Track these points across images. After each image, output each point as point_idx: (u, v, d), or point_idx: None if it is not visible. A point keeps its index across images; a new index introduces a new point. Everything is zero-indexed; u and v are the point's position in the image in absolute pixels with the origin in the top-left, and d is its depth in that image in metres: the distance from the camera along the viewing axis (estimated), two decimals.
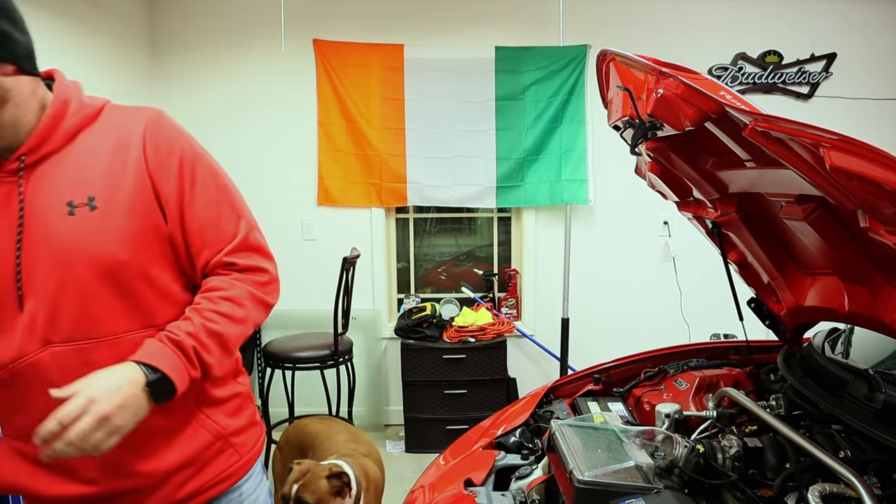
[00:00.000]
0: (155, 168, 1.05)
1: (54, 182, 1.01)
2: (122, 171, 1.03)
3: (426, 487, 1.55)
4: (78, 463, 1.04)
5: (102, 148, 1.04)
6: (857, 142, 0.85)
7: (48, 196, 1.00)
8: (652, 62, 1.25)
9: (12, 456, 1.07)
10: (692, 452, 1.20)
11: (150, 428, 1.05)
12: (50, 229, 0.99)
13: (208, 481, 1.15)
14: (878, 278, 1.23)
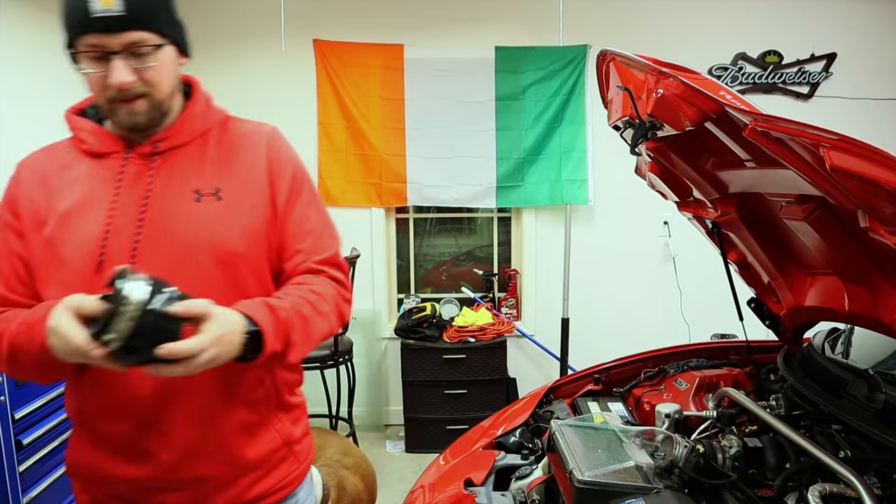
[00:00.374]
0: (275, 175, 1.14)
1: (183, 170, 1.09)
2: (247, 174, 1.12)
3: (426, 487, 1.55)
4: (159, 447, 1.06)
5: (229, 150, 1.14)
6: (857, 142, 0.85)
7: (176, 182, 1.07)
8: (652, 62, 1.25)
9: (87, 436, 1.09)
10: (692, 452, 1.20)
11: (236, 420, 1.09)
12: (176, 212, 1.06)
13: (273, 486, 1.17)
14: (878, 278, 1.23)
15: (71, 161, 1.11)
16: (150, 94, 1.04)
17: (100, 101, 1.06)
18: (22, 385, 1.71)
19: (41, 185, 1.09)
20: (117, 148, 1.09)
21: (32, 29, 2.75)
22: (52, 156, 1.14)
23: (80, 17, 0.99)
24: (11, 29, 2.63)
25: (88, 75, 1.03)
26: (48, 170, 1.11)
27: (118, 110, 1.05)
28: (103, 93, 1.03)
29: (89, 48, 1.01)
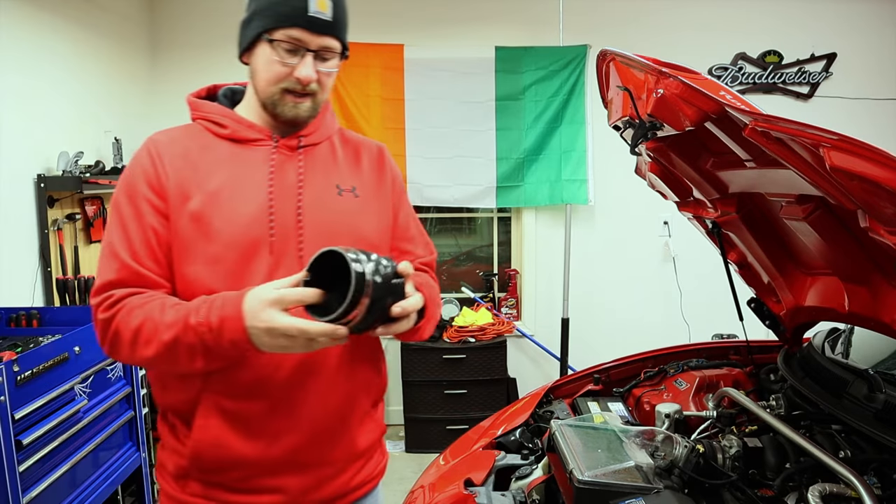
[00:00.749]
0: (395, 186, 1.29)
1: (324, 166, 1.19)
2: (374, 178, 1.25)
3: (426, 487, 1.55)
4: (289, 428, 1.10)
5: (353, 154, 1.25)
6: (857, 142, 0.85)
7: (320, 175, 1.17)
8: (652, 62, 1.25)
9: (216, 413, 1.08)
10: (692, 452, 1.20)
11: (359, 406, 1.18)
12: (324, 201, 1.15)
13: (367, 476, 1.23)
14: (878, 278, 1.23)
15: (208, 142, 1.14)
16: (316, 95, 1.12)
17: (269, 88, 1.10)
18: (22, 385, 1.71)
19: (185, 160, 1.11)
20: (262, 137, 1.15)
21: (32, 29, 2.75)
22: (188, 135, 1.15)
23: (295, 11, 1.06)
24: (11, 29, 2.63)
25: (275, 63, 1.09)
26: (190, 147, 1.12)
27: (285, 101, 1.11)
28: (280, 82, 1.09)
29: (290, 40, 1.07)
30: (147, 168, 1.09)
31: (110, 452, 2.21)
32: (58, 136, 2.89)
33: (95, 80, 3.24)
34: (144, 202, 1.08)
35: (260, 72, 1.12)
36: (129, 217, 1.07)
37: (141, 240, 1.06)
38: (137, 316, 1.00)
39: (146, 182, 1.09)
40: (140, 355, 1.01)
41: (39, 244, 2.71)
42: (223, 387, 1.08)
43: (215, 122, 1.16)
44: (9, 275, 2.56)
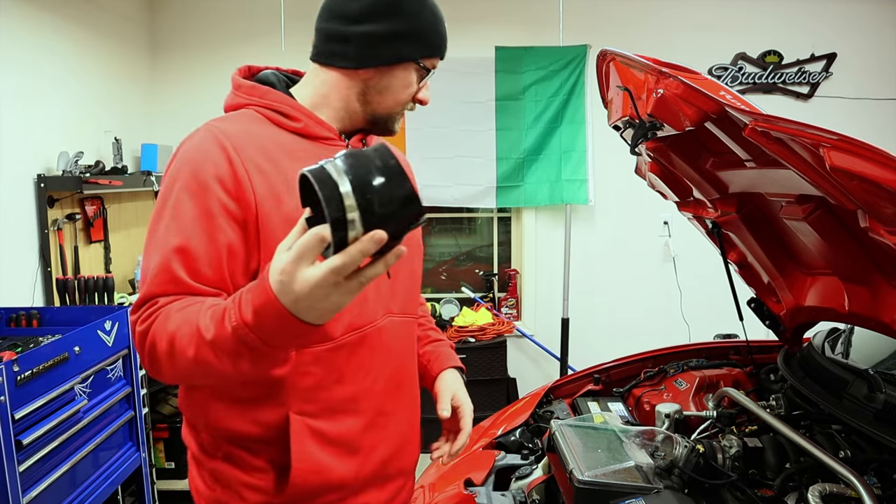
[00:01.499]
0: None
1: None
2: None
3: (426, 487, 1.55)
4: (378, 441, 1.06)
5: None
6: (857, 142, 0.85)
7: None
8: (652, 62, 1.25)
9: (311, 440, 0.98)
10: (692, 452, 1.20)
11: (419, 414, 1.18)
12: None
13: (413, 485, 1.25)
14: (878, 278, 1.23)
15: (277, 135, 1.01)
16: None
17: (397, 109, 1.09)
18: (22, 385, 1.71)
19: (266, 157, 0.97)
20: (333, 136, 1.07)
21: (32, 29, 2.75)
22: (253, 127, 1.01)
23: (442, 43, 1.15)
24: (12, 29, 2.63)
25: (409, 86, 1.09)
26: (264, 142, 0.98)
27: (398, 118, 1.11)
28: (405, 103, 1.09)
29: (432, 68, 1.12)
30: (221, 165, 0.93)
31: (110, 452, 2.21)
32: (58, 136, 2.89)
33: (95, 80, 3.24)
34: (218, 207, 0.91)
35: (394, 91, 1.07)
36: (191, 221, 0.90)
37: (207, 254, 0.90)
38: (173, 322, 0.85)
39: (219, 182, 0.92)
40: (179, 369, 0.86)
41: (39, 244, 2.71)
42: (317, 407, 0.98)
43: (285, 113, 1.03)
44: (9, 275, 2.57)
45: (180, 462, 2.93)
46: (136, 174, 3.22)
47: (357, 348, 1.00)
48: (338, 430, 1.00)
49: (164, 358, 0.86)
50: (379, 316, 1.04)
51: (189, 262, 0.89)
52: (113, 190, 3.09)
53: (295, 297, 0.72)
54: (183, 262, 0.89)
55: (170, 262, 0.89)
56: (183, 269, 0.89)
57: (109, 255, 3.23)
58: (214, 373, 0.84)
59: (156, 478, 2.60)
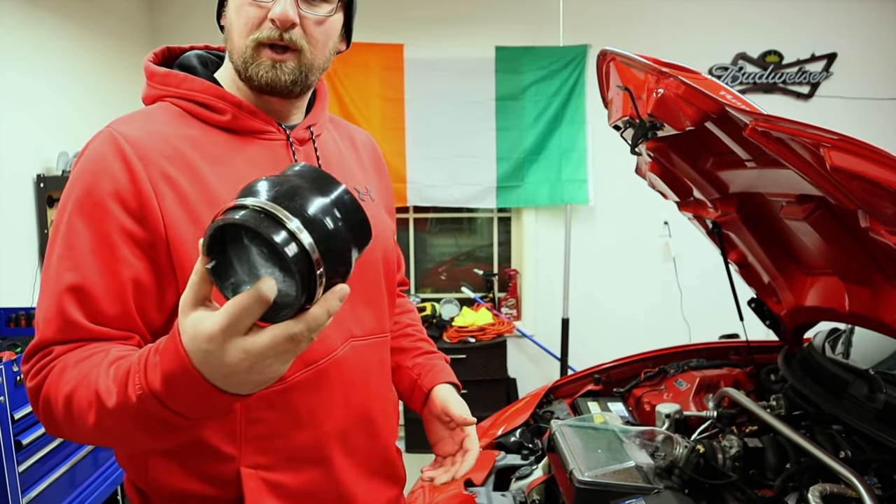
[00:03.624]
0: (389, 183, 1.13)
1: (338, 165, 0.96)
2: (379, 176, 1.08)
3: (426, 487, 1.55)
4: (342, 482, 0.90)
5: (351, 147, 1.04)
6: (857, 142, 0.85)
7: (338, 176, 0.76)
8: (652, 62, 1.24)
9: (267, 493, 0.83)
10: (692, 453, 1.20)
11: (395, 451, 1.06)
12: None
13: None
14: (878, 278, 1.23)
15: (195, 133, 0.84)
16: (303, 52, 0.84)
17: (240, 43, 0.84)
18: (21, 385, 1.71)
19: (178, 162, 0.80)
20: (269, 127, 0.88)
21: (32, 29, 2.75)
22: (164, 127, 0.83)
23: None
24: (12, 29, 2.63)
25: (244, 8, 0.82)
26: (176, 145, 0.81)
27: (262, 60, 0.83)
28: (253, 31, 0.82)
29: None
30: (120, 179, 0.77)
31: (110, 452, 2.21)
32: (58, 136, 2.89)
33: (95, 80, 3.24)
34: (118, 233, 0.76)
35: (231, 25, 0.85)
36: (87, 252, 0.75)
37: (107, 291, 0.75)
38: (68, 381, 0.71)
39: (119, 202, 0.76)
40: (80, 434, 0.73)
41: (39, 244, 2.71)
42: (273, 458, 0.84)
43: (208, 104, 0.85)
44: (9, 275, 2.56)
45: None
46: None
47: (314, 386, 0.85)
48: (301, 481, 0.86)
49: (63, 422, 0.73)
50: (338, 344, 0.88)
51: (86, 303, 0.74)
52: None
53: (226, 372, 0.57)
54: (78, 304, 0.74)
55: (63, 303, 0.74)
56: (79, 311, 0.74)
57: None
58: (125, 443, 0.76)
59: None
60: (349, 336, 0.90)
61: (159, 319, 0.80)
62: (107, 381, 0.67)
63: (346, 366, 0.89)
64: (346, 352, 0.89)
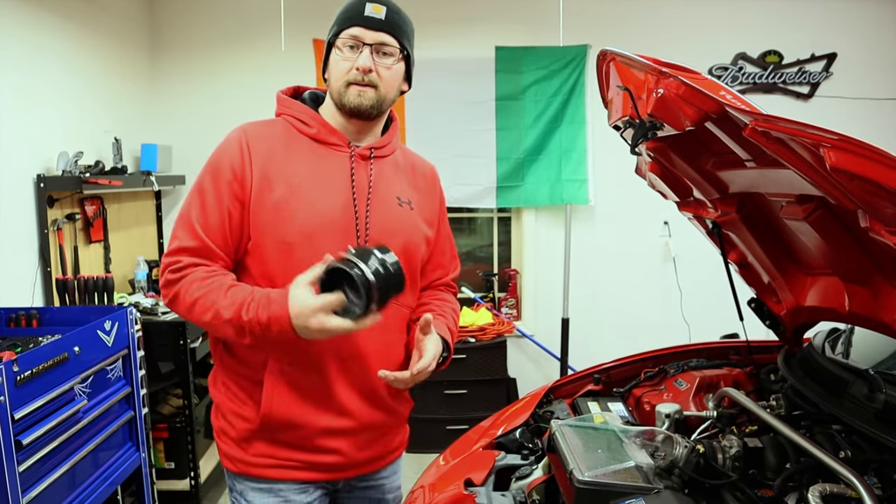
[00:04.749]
0: (442, 205, 1.51)
1: (389, 178, 1.36)
2: (427, 196, 1.44)
3: (426, 487, 1.55)
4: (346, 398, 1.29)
5: (411, 172, 1.43)
6: (857, 142, 0.85)
7: (384, 185, 1.34)
8: (652, 62, 1.24)
9: (283, 383, 1.26)
10: (692, 452, 1.20)
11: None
12: (388, 207, 1.33)
13: (399, 442, 1.45)
14: (878, 278, 1.23)
15: (293, 139, 1.30)
16: (378, 87, 1.26)
17: (337, 84, 1.27)
18: (22, 385, 1.71)
19: (271, 155, 1.26)
20: (341, 143, 1.31)
21: (32, 28, 2.75)
22: (275, 130, 1.31)
23: (354, 13, 1.25)
24: (11, 29, 2.63)
25: (340, 61, 1.26)
26: (275, 143, 1.28)
27: (350, 91, 1.26)
28: (346, 75, 1.25)
29: (350, 38, 1.25)
30: (234, 157, 1.25)
31: (110, 452, 2.21)
32: (58, 136, 2.89)
33: (95, 79, 3.24)
34: (227, 186, 1.23)
35: (332, 73, 1.28)
36: (210, 195, 1.24)
37: (217, 218, 1.23)
38: (197, 289, 1.18)
39: (231, 169, 1.24)
40: (197, 320, 1.20)
41: (39, 244, 2.71)
42: (287, 358, 1.25)
43: (302, 120, 1.31)
44: (9, 275, 2.57)
45: (180, 462, 2.93)
46: (135, 174, 3.23)
47: None
48: (304, 377, 1.26)
49: (183, 309, 1.21)
50: None
51: (207, 226, 1.23)
52: (113, 190, 3.10)
53: (304, 326, 1.10)
54: (203, 225, 1.23)
55: (193, 224, 1.23)
56: (203, 230, 1.22)
57: (109, 255, 3.23)
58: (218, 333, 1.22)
59: (156, 478, 2.60)
60: None
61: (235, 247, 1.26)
62: (225, 301, 1.16)
63: None
64: None
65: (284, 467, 1.29)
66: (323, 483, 1.34)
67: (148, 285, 3.24)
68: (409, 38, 1.32)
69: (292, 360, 1.25)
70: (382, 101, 1.28)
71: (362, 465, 1.36)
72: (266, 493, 1.30)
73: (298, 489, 1.30)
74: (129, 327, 2.32)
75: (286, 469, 1.29)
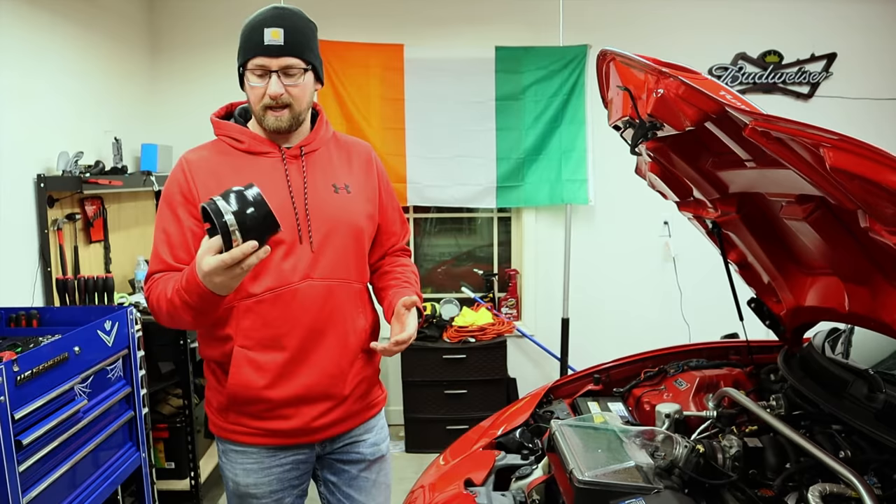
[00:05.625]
0: (379, 179, 1.60)
1: (322, 169, 1.49)
2: (363, 175, 1.56)
3: (426, 487, 1.55)
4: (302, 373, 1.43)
5: (346, 156, 1.56)
6: (857, 142, 0.85)
7: (320, 177, 1.47)
8: (652, 62, 1.25)
9: (246, 365, 1.41)
10: (692, 452, 1.20)
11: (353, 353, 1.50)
12: (324, 199, 1.46)
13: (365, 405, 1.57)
14: (878, 278, 1.23)
15: (230, 155, 1.45)
16: (292, 106, 1.40)
17: (255, 108, 1.41)
18: (22, 385, 1.71)
19: (210, 171, 1.42)
20: (271, 149, 1.45)
21: (32, 28, 2.75)
22: (214, 150, 1.47)
23: (254, 44, 1.38)
24: (11, 29, 2.63)
25: (253, 88, 1.39)
26: (214, 162, 1.44)
27: (268, 116, 1.40)
28: (260, 101, 1.39)
29: (256, 67, 1.38)
30: (181, 182, 1.42)
31: (110, 452, 2.21)
32: (58, 136, 2.89)
33: (95, 79, 3.24)
34: (181, 208, 1.40)
35: (249, 99, 1.43)
36: (168, 220, 1.41)
37: (179, 238, 1.40)
38: (154, 289, 1.37)
39: (181, 193, 1.41)
40: (171, 319, 1.35)
41: (39, 244, 2.71)
42: (250, 343, 1.41)
43: (235, 138, 1.46)
44: (9, 275, 2.57)
45: (180, 462, 2.93)
46: (135, 174, 3.22)
47: (276, 303, 1.40)
48: (265, 360, 1.41)
49: (161, 316, 1.36)
50: (295, 280, 1.41)
51: (172, 250, 1.40)
52: (113, 190, 3.10)
53: (203, 274, 1.18)
54: (168, 251, 1.40)
55: (160, 251, 1.41)
56: (168, 254, 1.40)
57: (109, 255, 3.23)
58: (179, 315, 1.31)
59: (156, 478, 2.60)
60: (306, 276, 1.42)
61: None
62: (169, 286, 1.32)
63: (301, 295, 1.42)
64: (303, 287, 1.42)
65: (252, 434, 1.47)
66: (293, 448, 1.49)
67: None
68: (313, 46, 1.44)
69: (254, 343, 1.41)
70: (298, 115, 1.42)
71: (322, 431, 1.49)
72: (241, 455, 1.49)
73: (268, 454, 1.48)
74: (130, 327, 2.32)
75: (253, 436, 1.47)
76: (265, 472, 1.49)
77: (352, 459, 1.57)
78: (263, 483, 1.49)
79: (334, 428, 1.51)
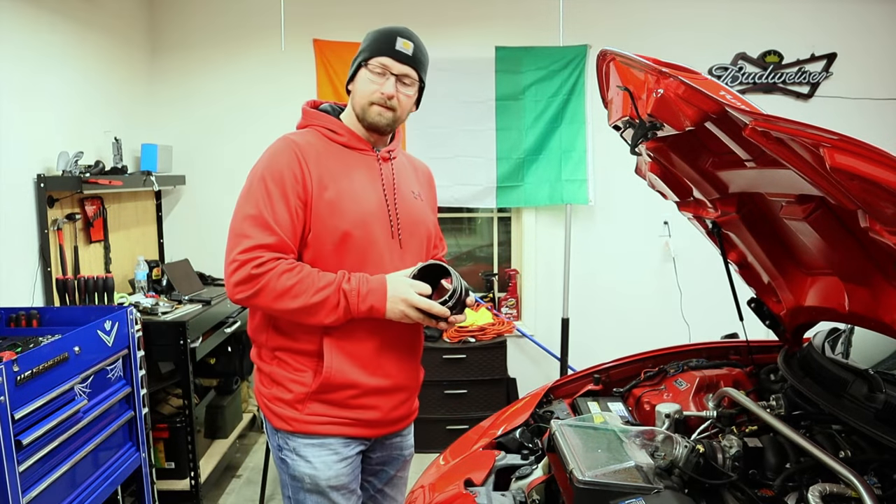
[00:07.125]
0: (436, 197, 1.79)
1: (403, 176, 1.62)
2: (429, 190, 1.74)
3: (426, 487, 1.55)
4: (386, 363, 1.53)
5: (413, 169, 1.71)
6: (857, 142, 0.85)
7: (402, 181, 1.60)
8: (652, 62, 1.25)
9: (339, 351, 1.48)
10: (692, 452, 1.20)
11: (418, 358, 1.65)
12: (408, 201, 1.59)
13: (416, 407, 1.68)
14: (878, 278, 1.23)
15: (327, 146, 1.52)
16: (395, 110, 1.51)
17: (362, 102, 1.50)
18: (22, 385, 1.71)
19: (318, 160, 1.48)
20: (366, 147, 1.55)
21: (32, 28, 2.75)
22: (315, 139, 1.52)
23: (386, 45, 1.48)
24: (12, 28, 2.63)
25: (369, 82, 1.49)
26: (320, 150, 1.50)
27: (372, 110, 1.50)
28: (370, 96, 1.49)
29: (379, 65, 1.48)
30: (293, 164, 1.45)
31: (110, 452, 2.21)
32: (58, 136, 2.89)
33: (95, 79, 3.24)
34: (292, 189, 1.43)
35: (358, 90, 1.51)
36: (277, 197, 1.42)
37: (286, 217, 1.42)
38: (288, 279, 1.38)
39: (292, 174, 1.44)
40: (282, 306, 1.39)
41: (39, 244, 2.71)
42: (344, 331, 1.47)
43: (333, 130, 1.54)
44: (9, 275, 2.57)
45: (180, 462, 2.93)
46: (135, 174, 3.23)
47: None
48: (357, 349, 1.49)
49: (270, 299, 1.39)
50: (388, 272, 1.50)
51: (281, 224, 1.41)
52: (113, 190, 3.10)
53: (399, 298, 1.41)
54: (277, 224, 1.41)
55: (269, 222, 1.40)
56: (279, 228, 1.41)
57: (109, 255, 3.23)
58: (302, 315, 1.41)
59: (156, 478, 2.59)
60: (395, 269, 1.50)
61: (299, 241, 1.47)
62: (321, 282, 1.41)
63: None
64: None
65: (335, 423, 1.50)
66: (362, 439, 1.55)
67: (148, 285, 3.24)
68: (426, 70, 1.57)
69: (344, 334, 1.47)
70: (397, 121, 1.53)
71: (392, 424, 1.59)
72: (318, 448, 1.50)
73: (343, 443, 1.51)
74: (130, 327, 2.32)
75: (336, 425, 1.50)
76: (344, 462, 1.51)
77: (393, 457, 1.66)
78: (344, 474, 1.51)
79: (402, 423, 1.62)
